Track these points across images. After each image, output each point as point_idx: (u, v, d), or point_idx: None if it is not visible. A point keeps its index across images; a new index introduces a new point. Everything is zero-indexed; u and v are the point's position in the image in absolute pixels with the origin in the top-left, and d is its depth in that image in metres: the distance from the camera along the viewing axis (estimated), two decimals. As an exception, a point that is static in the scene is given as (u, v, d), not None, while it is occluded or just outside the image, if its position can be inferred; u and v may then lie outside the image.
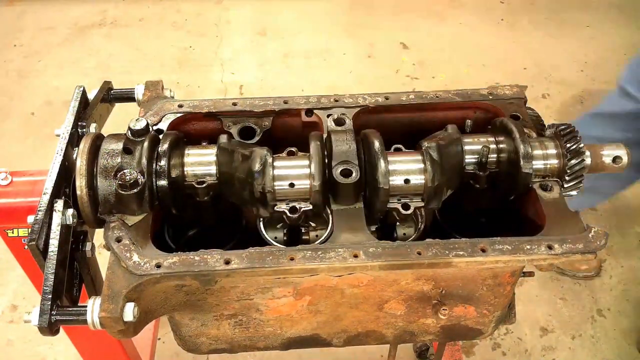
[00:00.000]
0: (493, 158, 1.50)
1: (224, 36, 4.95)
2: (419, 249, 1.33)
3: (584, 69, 4.61)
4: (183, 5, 5.25)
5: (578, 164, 1.46)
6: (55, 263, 1.30)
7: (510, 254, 1.32)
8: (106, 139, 1.45)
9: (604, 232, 1.36)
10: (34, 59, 4.72)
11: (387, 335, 1.63)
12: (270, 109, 1.63)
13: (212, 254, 1.32)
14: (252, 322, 1.53)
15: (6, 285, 3.18)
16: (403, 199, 1.45)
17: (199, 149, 1.50)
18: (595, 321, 3.08)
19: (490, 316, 1.59)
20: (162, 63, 4.67)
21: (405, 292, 1.48)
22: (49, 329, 1.26)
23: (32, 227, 1.32)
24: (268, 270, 1.30)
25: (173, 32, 4.98)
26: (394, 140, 1.54)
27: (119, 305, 1.24)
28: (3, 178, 1.66)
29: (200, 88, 4.46)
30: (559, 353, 2.96)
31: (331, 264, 1.31)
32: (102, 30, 5.00)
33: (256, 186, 1.40)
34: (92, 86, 1.69)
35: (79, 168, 1.37)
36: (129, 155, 1.40)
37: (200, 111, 1.63)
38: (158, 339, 2.86)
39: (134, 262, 1.30)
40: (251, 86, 4.47)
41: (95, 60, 4.69)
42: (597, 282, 3.25)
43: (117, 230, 1.37)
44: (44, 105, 4.29)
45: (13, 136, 4.06)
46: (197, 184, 1.46)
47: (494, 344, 2.98)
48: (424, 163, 1.42)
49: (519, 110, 1.63)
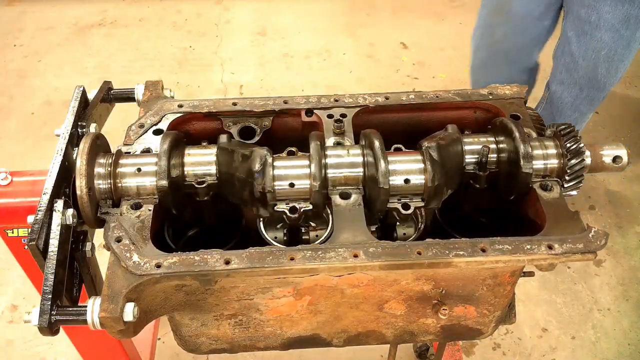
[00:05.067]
0: (493, 158, 1.50)
1: (224, 36, 4.95)
2: (419, 249, 1.33)
3: (584, 69, 4.61)
4: (183, 5, 5.25)
5: (578, 164, 1.46)
6: (55, 263, 1.30)
7: (510, 254, 1.32)
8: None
9: (604, 232, 1.36)
10: (34, 59, 4.72)
11: (387, 335, 1.63)
12: (270, 109, 1.63)
13: (212, 254, 1.32)
14: (252, 322, 1.53)
15: (6, 285, 3.18)
16: (403, 199, 1.45)
17: (199, 148, 1.50)
18: (595, 321, 3.08)
19: (490, 316, 1.59)
20: (162, 63, 4.67)
21: (405, 292, 1.48)
22: (49, 329, 1.26)
23: (32, 227, 1.32)
24: (268, 270, 1.30)
25: (173, 32, 4.98)
26: (394, 140, 1.54)
27: (119, 305, 1.24)
28: (3, 178, 1.66)
29: (200, 88, 4.46)
30: (559, 353, 2.96)
31: (331, 264, 1.31)
32: (102, 30, 5.00)
33: (256, 186, 1.40)
34: (92, 86, 1.69)
35: (79, 168, 1.37)
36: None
37: (200, 111, 1.63)
38: (158, 339, 2.86)
39: (134, 262, 1.30)
40: (251, 86, 4.47)
41: (95, 60, 4.69)
42: (597, 282, 3.25)
43: (117, 230, 1.37)
44: (44, 105, 4.29)
45: (13, 136, 4.06)
46: (197, 184, 1.46)
47: (494, 344, 2.98)
48: (424, 163, 1.42)
49: (518, 110, 1.63)
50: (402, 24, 5.01)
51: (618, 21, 2.50)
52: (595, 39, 2.60)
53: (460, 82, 4.42)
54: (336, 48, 4.82)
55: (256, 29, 5.03)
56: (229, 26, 5.06)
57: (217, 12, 5.20)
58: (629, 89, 4.47)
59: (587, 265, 3.33)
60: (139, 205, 1.43)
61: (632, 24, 2.50)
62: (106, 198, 1.43)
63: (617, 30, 2.53)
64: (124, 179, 1.44)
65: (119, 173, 1.44)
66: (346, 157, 1.46)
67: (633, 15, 2.47)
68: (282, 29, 5.03)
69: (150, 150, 1.53)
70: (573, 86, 2.89)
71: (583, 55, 2.73)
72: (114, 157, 1.45)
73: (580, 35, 2.68)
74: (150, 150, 1.53)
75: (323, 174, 1.42)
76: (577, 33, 2.70)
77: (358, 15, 5.16)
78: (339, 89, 4.34)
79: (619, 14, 2.48)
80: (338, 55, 4.76)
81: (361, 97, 1.65)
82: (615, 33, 2.54)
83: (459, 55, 4.67)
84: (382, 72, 4.57)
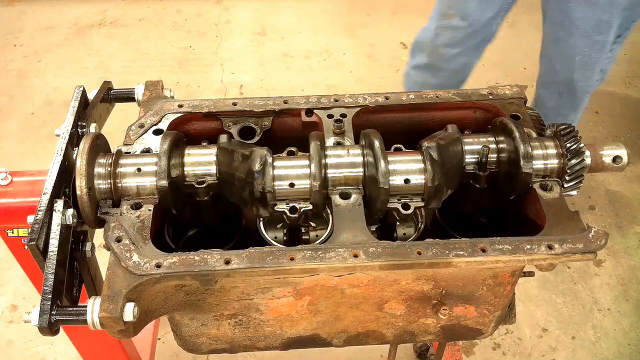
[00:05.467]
0: (493, 158, 1.50)
1: (224, 36, 4.95)
2: (419, 249, 1.33)
3: (584, 69, 4.61)
4: (183, 5, 5.25)
5: (578, 164, 1.46)
6: (55, 263, 1.30)
7: (510, 254, 1.32)
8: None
9: (604, 232, 1.36)
10: (34, 59, 4.72)
11: (387, 335, 1.63)
12: (270, 109, 1.63)
13: (212, 254, 1.32)
14: (252, 322, 1.53)
15: (6, 285, 3.18)
16: (403, 199, 1.45)
17: (199, 149, 1.50)
18: (595, 321, 3.08)
19: (490, 316, 1.59)
20: (162, 63, 4.67)
21: (405, 292, 1.48)
22: (49, 329, 1.26)
23: (32, 227, 1.32)
24: (268, 270, 1.30)
25: (173, 32, 4.98)
26: (394, 140, 1.54)
27: (119, 305, 1.24)
28: (3, 178, 1.66)
29: (200, 88, 4.46)
30: (559, 353, 2.96)
31: (331, 264, 1.31)
32: (102, 30, 5.00)
33: (256, 186, 1.40)
34: (92, 86, 1.69)
35: (79, 168, 1.37)
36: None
37: (200, 111, 1.63)
38: (158, 339, 2.86)
39: (134, 262, 1.30)
40: (251, 86, 4.47)
41: (95, 60, 4.69)
42: (597, 282, 3.25)
43: (117, 230, 1.37)
44: (44, 105, 4.29)
45: (13, 136, 4.06)
46: (197, 184, 1.46)
47: (494, 344, 2.98)
48: (424, 163, 1.42)
49: (519, 110, 1.63)
50: (402, 24, 5.01)
51: (590, 27, 2.47)
52: (569, 44, 2.59)
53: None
54: (336, 48, 4.82)
55: (256, 29, 5.03)
56: (229, 26, 5.06)
57: (217, 12, 5.20)
58: (629, 89, 4.47)
59: (587, 265, 3.33)
60: (139, 205, 1.43)
61: (604, 29, 2.47)
62: (106, 198, 1.43)
63: (589, 36, 2.51)
64: (124, 179, 1.44)
65: (119, 173, 1.44)
66: (346, 157, 1.46)
67: (604, 21, 2.44)
68: (282, 29, 5.02)
69: (150, 150, 1.53)
70: (554, 90, 2.90)
71: (560, 60, 2.72)
72: (114, 157, 1.45)
73: (556, 40, 2.67)
74: (150, 150, 1.53)
75: (323, 174, 1.42)
76: (553, 38, 2.69)
77: (358, 15, 5.16)
78: (339, 89, 4.34)
79: (591, 20, 2.46)
80: (338, 55, 4.76)
81: (361, 97, 1.65)
82: (588, 39, 2.52)
83: (459, 55, 4.67)
84: (382, 72, 4.57)
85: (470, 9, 2.69)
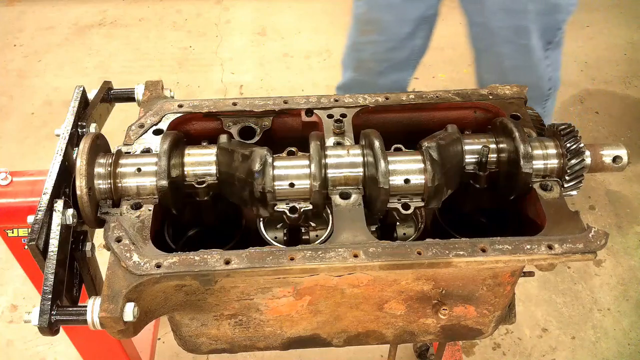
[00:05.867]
0: (493, 158, 1.50)
1: (224, 36, 4.95)
2: (419, 249, 1.33)
3: (584, 69, 4.61)
4: (183, 5, 5.25)
5: (578, 164, 1.46)
6: (55, 263, 1.30)
7: (510, 254, 1.32)
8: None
9: (604, 232, 1.36)
10: (34, 59, 4.72)
11: (387, 335, 1.63)
12: (270, 109, 1.63)
13: (212, 254, 1.32)
14: (252, 322, 1.53)
15: (6, 285, 3.18)
16: (403, 199, 1.45)
17: (199, 148, 1.50)
18: (595, 321, 3.08)
19: (490, 316, 1.59)
20: (162, 63, 4.67)
21: (405, 292, 1.48)
22: (49, 329, 1.26)
23: (32, 227, 1.32)
24: (268, 270, 1.30)
25: (173, 32, 4.98)
26: (394, 140, 1.54)
27: (119, 305, 1.24)
28: (3, 178, 1.66)
29: (200, 88, 4.46)
30: (559, 353, 2.96)
31: (331, 263, 1.31)
32: (102, 30, 5.00)
33: (256, 186, 1.40)
34: (92, 86, 1.69)
35: (79, 168, 1.37)
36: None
37: (200, 111, 1.63)
38: (158, 339, 2.86)
39: (134, 262, 1.30)
40: (251, 86, 4.47)
41: (95, 60, 4.69)
42: (597, 282, 3.25)
43: (117, 230, 1.37)
44: (44, 105, 4.29)
45: (13, 136, 4.06)
46: (197, 184, 1.46)
47: (494, 344, 2.98)
48: (424, 163, 1.42)
49: (519, 110, 1.63)
50: (402, 24, 5.00)
51: (511, 33, 2.45)
52: (495, 53, 2.55)
53: (460, 82, 4.42)
54: (336, 48, 4.81)
55: (256, 29, 5.03)
56: (229, 26, 5.06)
57: (217, 12, 5.20)
58: (629, 89, 4.47)
59: (587, 265, 3.33)
60: (139, 205, 1.43)
61: (524, 33, 2.44)
62: (106, 198, 1.43)
63: (512, 41, 2.47)
64: (124, 179, 1.44)
65: (119, 173, 1.44)
66: (346, 157, 1.46)
67: (522, 26, 2.41)
68: (282, 29, 5.02)
69: (150, 150, 1.53)
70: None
71: (488, 69, 2.68)
72: (114, 157, 1.45)
73: (483, 50, 2.64)
74: (150, 150, 1.53)
75: (323, 174, 1.42)
76: (479, 48, 2.66)
77: (358, 15, 5.16)
78: (339, 89, 4.34)
79: (510, 27, 2.43)
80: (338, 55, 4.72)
81: (361, 97, 1.65)
82: (512, 44, 2.48)
83: (459, 55, 4.66)
84: (382, 72, 4.56)
85: (386, 23, 2.65)
